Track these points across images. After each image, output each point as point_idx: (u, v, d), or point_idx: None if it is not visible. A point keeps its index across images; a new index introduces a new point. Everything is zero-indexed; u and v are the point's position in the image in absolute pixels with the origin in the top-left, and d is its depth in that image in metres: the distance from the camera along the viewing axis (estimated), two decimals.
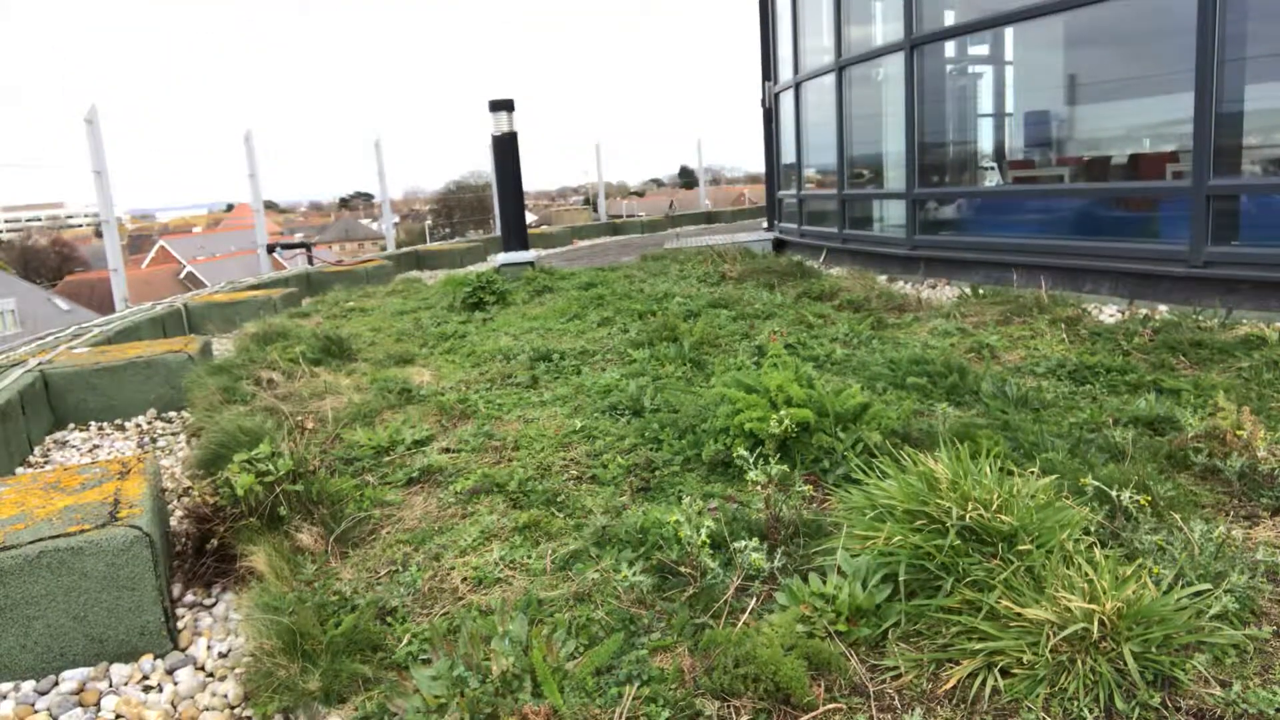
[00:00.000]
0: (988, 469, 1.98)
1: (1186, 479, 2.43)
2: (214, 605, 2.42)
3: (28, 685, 2.06)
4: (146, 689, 2.07)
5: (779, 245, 9.65)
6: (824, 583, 1.88)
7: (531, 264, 8.80)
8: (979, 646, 1.65)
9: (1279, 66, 4.64)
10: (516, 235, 9.02)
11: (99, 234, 9.49)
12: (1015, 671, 1.60)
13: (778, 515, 2.22)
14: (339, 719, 1.74)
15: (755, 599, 1.95)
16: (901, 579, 1.83)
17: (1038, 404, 3.19)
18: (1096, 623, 1.58)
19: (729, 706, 1.60)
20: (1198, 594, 1.73)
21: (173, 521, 2.65)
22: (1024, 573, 1.75)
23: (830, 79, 8.12)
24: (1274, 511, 2.24)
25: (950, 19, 7.06)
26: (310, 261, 12.78)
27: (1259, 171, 4.84)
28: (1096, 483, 2.15)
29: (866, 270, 7.14)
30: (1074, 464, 2.44)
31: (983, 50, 7.34)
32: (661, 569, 2.08)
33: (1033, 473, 2.09)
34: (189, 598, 2.45)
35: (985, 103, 7.47)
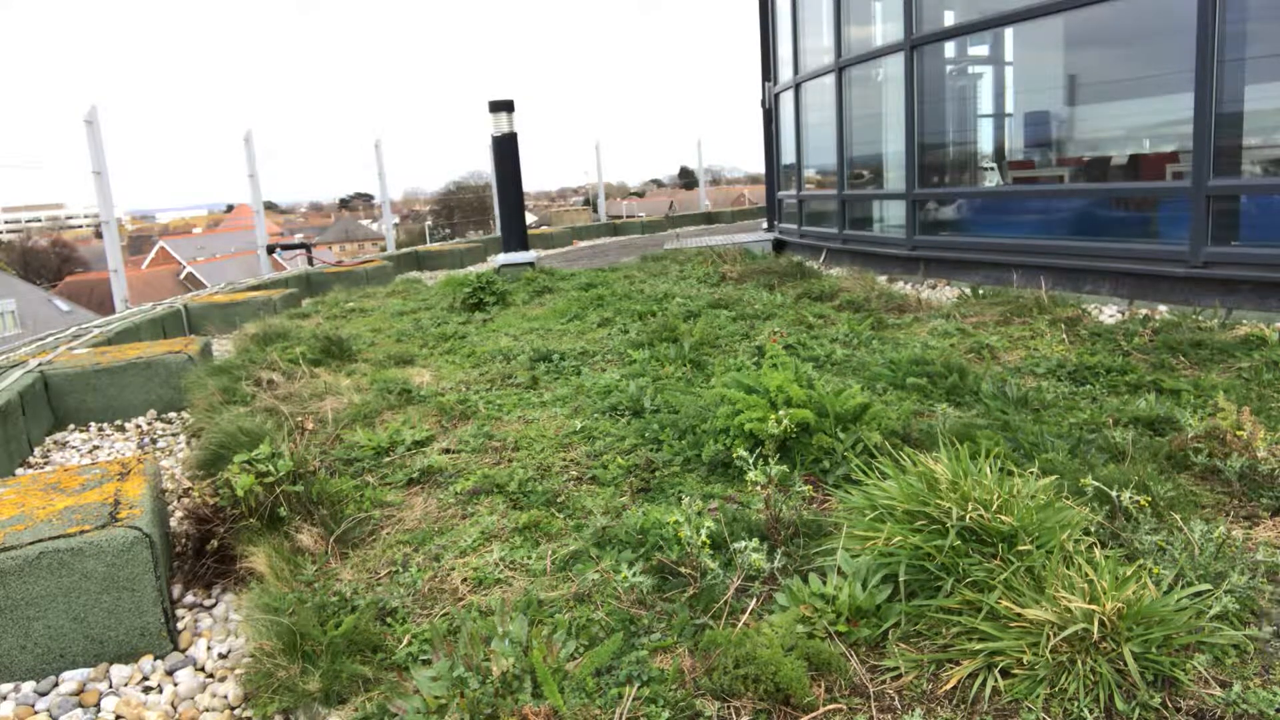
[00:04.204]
0: (988, 469, 1.98)
1: (1186, 479, 2.43)
2: (214, 606, 2.42)
3: (28, 686, 2.06)
4: (146, 690, 2.07)
5: (779, 246, 9.65)
6: (824, 583, 1.88)
7: (531, 265, 8.80)
8: (979, 647, 1.65)
9: (1279, 66, 4.64)
10: (516, 236, 9.03)
11: (99, 235, 9.49)
12: (1015, 672, 1.60)
13: (778, 516, 2.22)
14: None
15: (755, 599, 1.95)
16: (902, 579, 1.83)
17: (1038, 404, 3.19)
18: (1097, 623, 1.58)
19: (729, 707, 1.60)
20: (1198, 594, 1.73)
21: (173, 522, 2.65)
22: (1024, 573, 1.75)
23: (830, 79, 8.12)
24: (1274, 512, 2.24)
25: (950, 19, 7.06)
26: (310, 262, 12.79)
27: (1259, 171, 4.84)
28: (1096, 483, 2.15)
29: (866, 270, 7.14)
30: (1074, 464, 2.44)
31: (982, 51, 7.34)
32: (661, 569, 2.08)
33: (1033, 473, 2.09)
34: (189, 598, 2.45)
35: (985, 103, 7.47)
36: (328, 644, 1.88)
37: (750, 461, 2.35)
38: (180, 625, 2.31)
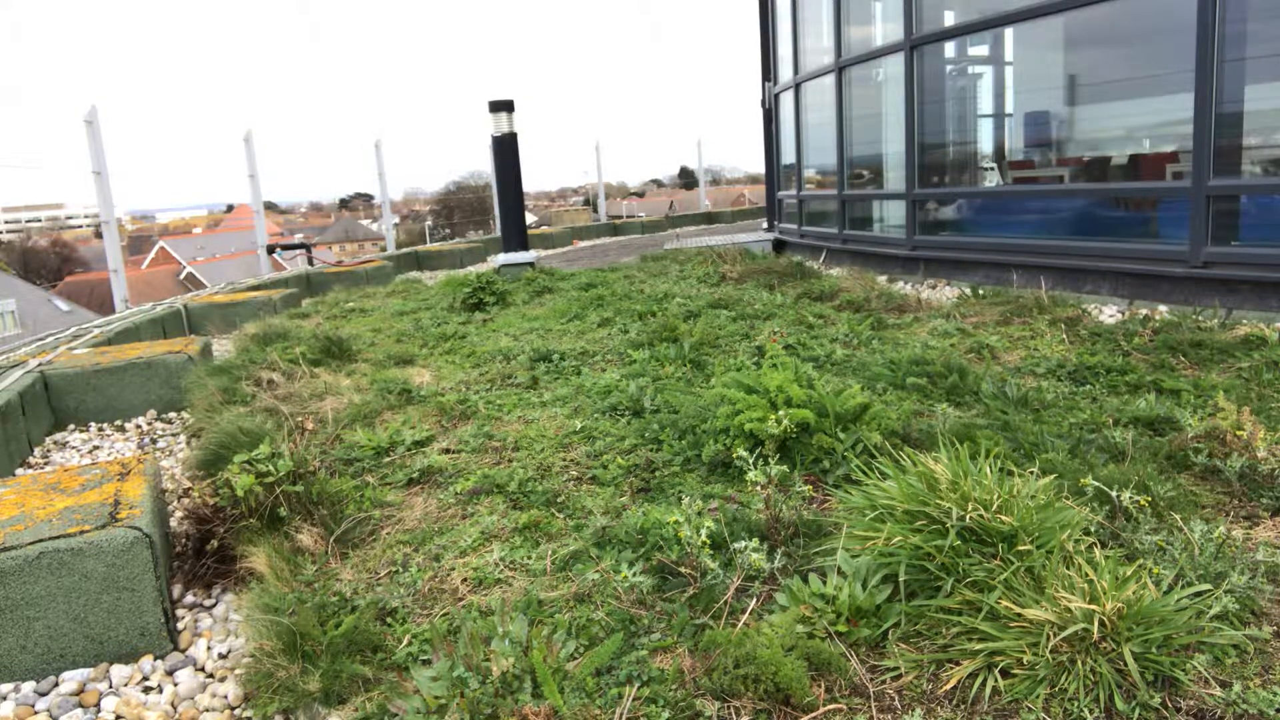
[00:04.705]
0: (988, 469, 1.98)
1: (1186, 479, 2.43)
2: (214, 606, 2.42)
3: (28, 686, 2.06)
4: (146, 690, 2.07)
5: (779, 246, 9.65)
6: (824, 583, 1.88)
7: (531, 265, 8.80)
8: (979, 647, 1.65)
9: (1279, 66, 4.64)
10: (516, 236, 9.03)
11: (99, 235, 9.49)
12: (1015, 672, 1.60)
13: (778, 516, 2.22)
14: None
15: (755, 599, 1.95)
16: (902, 579, 1.83)
17: (1038, 404, 3.19)
18: (1097, 623, 1.58)
19: (729, 707, 1.60)
20: (1198, 594, 1.73)
21: (173, 522, 2.65)
22: (1024, 573, 1.75)
23: (830, 79, 8.12)
24: (1274, 512, 2.24)
25: (950, 19, 7.06)
26: (310, 262, 12.78)
27: (1259, 171, 4.84)
28: (1096, 483, 2.15)
29: (866, 271, 7.14)
30: (1074, 464, 2.44)
31: (982, 50, 7.34)
32: (661, 569, 2.08)
33: (1033, 473, 2.09)
34: (189, 598, 2.45)
35: (985, 103, 7.47)
36: (328, 644, 1.88)
37: (750, 461, 2.36)
38: (180, 625, 2.31)
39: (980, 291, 5.60)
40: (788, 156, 9.87)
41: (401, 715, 1.63)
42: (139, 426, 4.35)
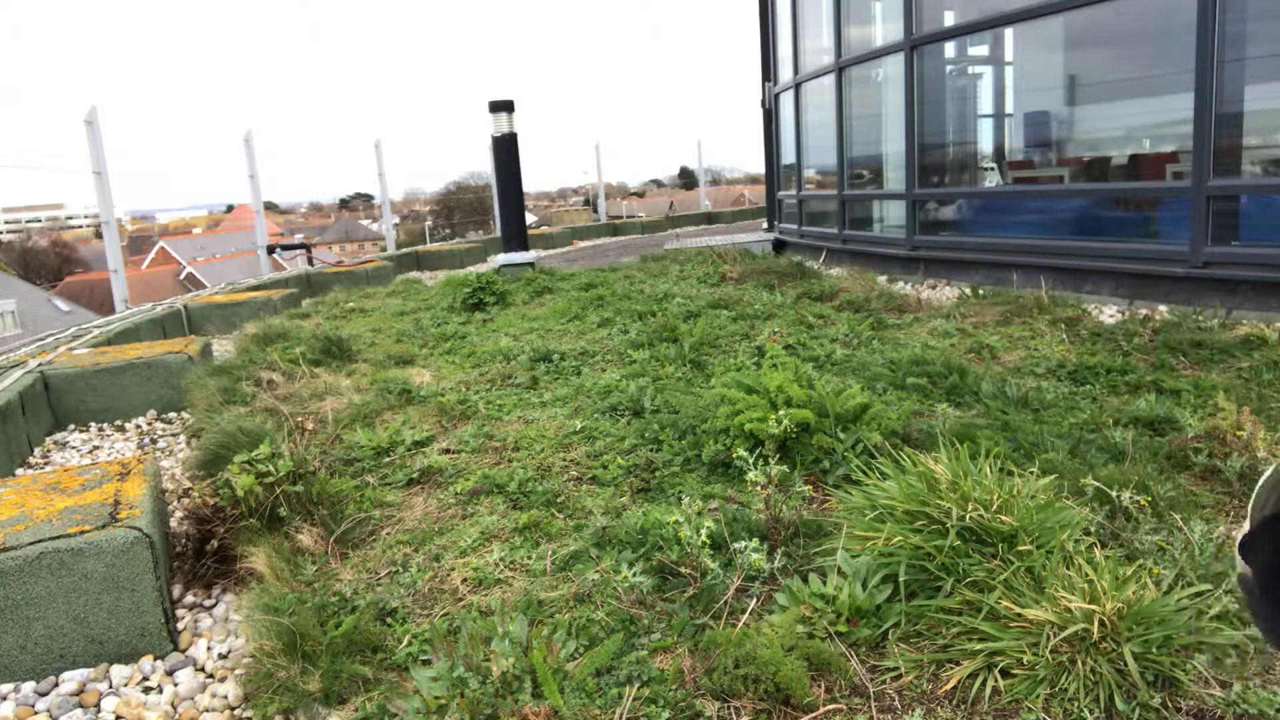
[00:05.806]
0: (988, 469, 1.98)
1: (1186, 479, 2.43)
2: (214, 606, 2.42)
3: (28, 686, 2.06)
4: (146, 690, 2.07)
5: (779, 246, 9.65)
6: (824, 583, 1.88)
7: (531, 265, 8.81)
8: (979, 647, 1.65)
9: (1279, 66, 4.64)
10: (516, 236, 9.03)
11: (99, 235, 9.49)
12: (1015, 672, 1.60)
13: (778, 516, 2.22)
14: None
15: (755, 599, 1.95)
16: (902, 579, 1.83)
17: (1038, 404, 3.19)
18: (1097, 623, 1.58)
19: (729, 707, 1.60)
20: (1198, 594, 1.73)
21: (173, 522, 2.65)
22: (1024, 573, 1.75)
23: (830, 79, 8.12)
24: None
25: (950, 19, 7.06)
26: (310, 262, 12.78)
27: (1259, 171, 4.84)
28: (1096, 483, 2.15)
29: (866, 271, 7.14)
30: (1074, 464, 2.43)
31: (982, 51, 7.34)
32: (662, 570, 2.08)
33: (1033, 473, 2.09)
34: (189, 599, 2.45)
35: (985, 103, 7.47)
36: (328, 644, 1.88)
37: (750, 461, 2.36)
38: (180, 625, 2.31)
39: (980, 291, 5.60)
40: (788, 156, 9.87)
41: (401, 715, 1.63)
42: (139, 426, 4.35)
